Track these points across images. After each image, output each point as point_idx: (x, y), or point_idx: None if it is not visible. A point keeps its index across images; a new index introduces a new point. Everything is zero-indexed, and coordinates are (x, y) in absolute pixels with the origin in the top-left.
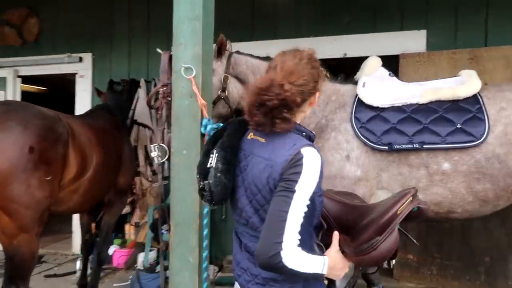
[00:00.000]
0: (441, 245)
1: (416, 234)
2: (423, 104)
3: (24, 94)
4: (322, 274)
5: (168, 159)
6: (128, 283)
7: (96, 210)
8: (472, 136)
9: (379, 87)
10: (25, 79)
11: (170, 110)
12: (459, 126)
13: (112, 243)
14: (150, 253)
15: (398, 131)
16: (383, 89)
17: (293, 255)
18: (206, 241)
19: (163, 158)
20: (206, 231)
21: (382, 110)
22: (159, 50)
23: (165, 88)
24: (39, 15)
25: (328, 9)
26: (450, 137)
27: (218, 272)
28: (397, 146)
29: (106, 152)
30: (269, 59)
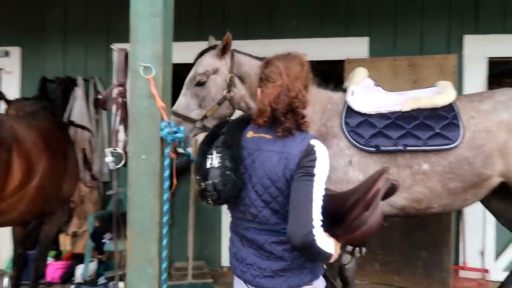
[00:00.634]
0: (383, 242)
1: None
2: (406, 111)
3: None
4: (331, 255)
5: (124, 165)
6: None
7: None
8: (449, 139)
9: (366, 96)
10: None
11: (126, 111)
12: (438, 130)
13: None
14: (90, 264)
15: (384, 135)
16: (370, 97)
17: (321, 234)
18: (166, 251)
19: (119, 163)
20: (166, 241)
21: (369, 116)
22: (114, 47)
23: (121, 88)
24: None
25: (276, 13)
26: (430, 140)
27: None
28: (383, 148)
29: (53, 156)
30: None
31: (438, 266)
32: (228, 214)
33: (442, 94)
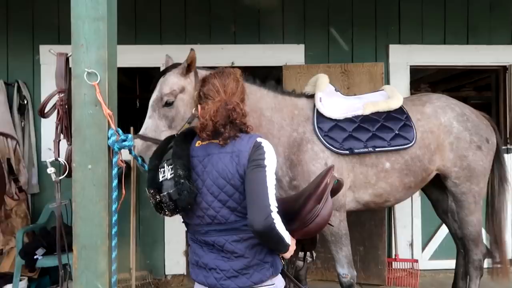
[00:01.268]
0: (323, 240)
1: None
2: (366, 115)
3: None
4: (289, 245)
5: (69, 175)
6: None
7: None
8: (407, 140)
9: (332, 102)
10: None
11: (68, 119)
12: (397, 132)
13: None
14: (20, 283)
15: (355, 138)
16: (335, 103)
17: (278, 219)
18: (115, 264)
19: (62, 174)
20: (115, 253)
21: (339, 121)
22: (53, 52)
23: (62, 94)
24: None
25: (213, 18)
26: (392, 141)
27: None
28: (356, 150)
29: None
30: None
31: (373, 259)
32: (171, 221)
33: (394, 98)
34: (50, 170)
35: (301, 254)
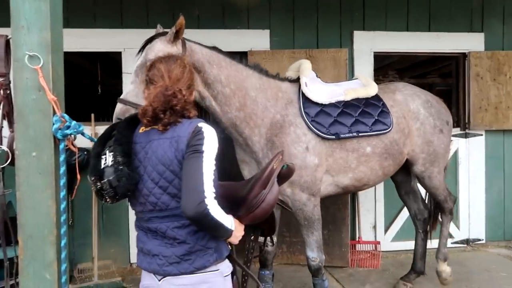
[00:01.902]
0: (289, 225)
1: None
2: (348, 101)
3: None
4: (232, 231)
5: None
6: None
7: None
8: (386, 125)
9: (315, 87)
10: None
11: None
12: (377, 118)
13: None
14: None
15: (340, 123)
16: (318, 88)
17: (214, 205)
18: (64, 252)
19: (3, 162)
20: (64, 241)
21: (324, 106)
22: None
23: (2, 79)
24: None
25: (176, 2)
26: (374, 126)
27: (69, 283)
28: (342, 136)
29: None
30: (216, 49)
31: (337, 242)
32: None
33: (370, 86)
34: None
35: (261, 239)
